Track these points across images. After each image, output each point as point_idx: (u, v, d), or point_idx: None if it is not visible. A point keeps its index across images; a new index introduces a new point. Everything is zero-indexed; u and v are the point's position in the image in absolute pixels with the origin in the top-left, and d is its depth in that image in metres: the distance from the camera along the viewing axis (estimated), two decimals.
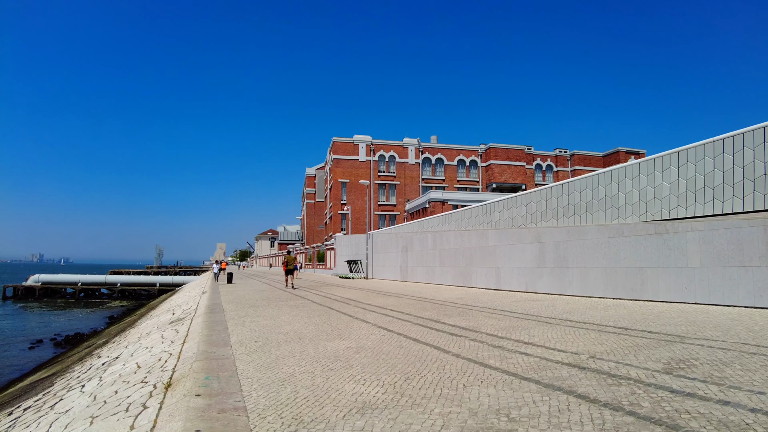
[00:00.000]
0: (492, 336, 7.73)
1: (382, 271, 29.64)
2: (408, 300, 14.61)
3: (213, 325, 9.98)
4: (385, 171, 55.82)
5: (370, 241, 31.26)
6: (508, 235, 18.22)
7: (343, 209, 53.10)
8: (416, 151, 56.70)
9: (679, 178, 14.06)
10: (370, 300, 14.98)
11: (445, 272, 21.87)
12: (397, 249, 27.12)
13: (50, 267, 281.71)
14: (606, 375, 5.19)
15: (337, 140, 54.99)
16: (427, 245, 23.75)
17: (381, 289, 20.48)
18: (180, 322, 12.78)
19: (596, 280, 14.49)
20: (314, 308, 12.87)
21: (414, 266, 24.97)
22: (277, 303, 14.69)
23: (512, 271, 17.70)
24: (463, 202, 42.75)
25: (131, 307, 48.09)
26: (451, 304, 13.00)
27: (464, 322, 9.42)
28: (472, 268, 19.98)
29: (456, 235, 21.46)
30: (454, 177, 57.69)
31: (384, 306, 12.94)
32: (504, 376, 5.21)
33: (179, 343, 8.75)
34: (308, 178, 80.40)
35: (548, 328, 8.50)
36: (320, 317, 10.76)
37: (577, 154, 64.03)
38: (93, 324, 37.66)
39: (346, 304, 13.71)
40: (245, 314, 11.80)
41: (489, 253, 18.99)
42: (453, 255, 21.36)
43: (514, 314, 10.58)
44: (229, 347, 7.32)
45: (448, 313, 10.98)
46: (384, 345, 7.11)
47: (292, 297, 17.03)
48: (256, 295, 18.59)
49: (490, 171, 57.01)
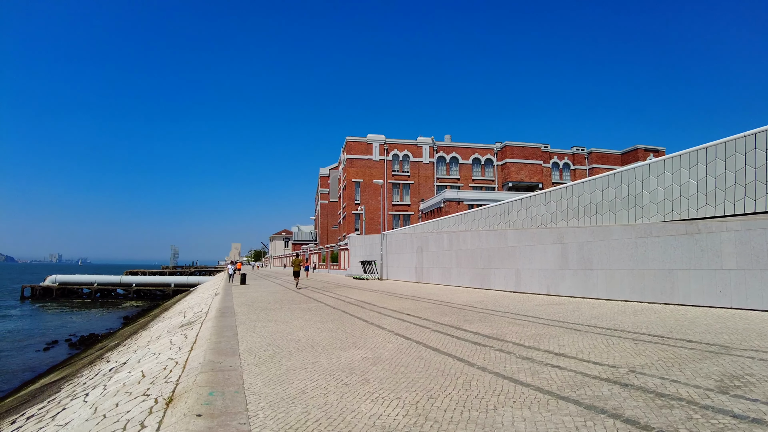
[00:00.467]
0: (518, 345, 7.18)
1: (397, 272, 29.13)
2: (425, 303, 14.09)
3: (222, 330, 9.57)
4: (399, 170, 55.24)
5: (385, 242, 30.77)
6: (529, 236, 17.58)
7: (356, 209, 52.69)
8: (430, 149, 56.02)
9: (707, 176, 13.31)
10: (385, 303, 14.49)
11: (462, 274, 21.28)
12: (412, 249, 26.58)
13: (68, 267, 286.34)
14: (653, 394, 4.63)
15: (350, 140, 54.59)
16: (443, 246, 23.18)
17: (396, 291, 19.98)
18: (190, 326, 12.44)
19: (622, 283, 13.82)
20: (328, 312, 12.42)
21: (429, 267, 24.42)
22: (289, 306, 14.28)
23: (533, 273, 17.06)
24: (479, 202, 42.02)
25: (146, 307, 48.29)
26: (471, 309, 12.45)
27: (487, 329, 8.87)
28: (490, 269, 19.36)
29: (473, 235, 20.86)
30: (469, 176, 56.85)
31: (400, 310, 12.44)
32: (538, 395, 4.67)
33: (186, 350, 8.35)
34: (322, 178, 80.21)
35: (578, 336, 7.92)
36: (334, 322, 10.29)
37: (594, 152, 62.77)
38: (108, 324, 37.78)
39: (360, 308, 13.24)
40: (256, 318, 11.39)
41: (508, 254, 18.37)
42: (470, 256, 20.76)
43: (538, 320, 10.00)
44: (237, 356, 6.89)
45: (468, 318, 10.44)
46: (402, 356, 6.61)
47: (305, 299, 16.62)
48: (268, 297, 18.23)
49: (506, 170, 56.08)
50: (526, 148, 56.76)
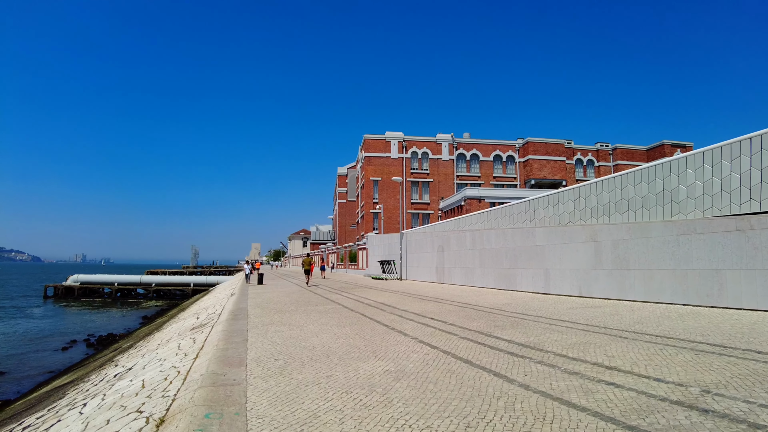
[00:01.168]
0: (561, 357, 6.30)
1: (417, 272, 28.27)
2: (449, 306, 13.22)
3: (232, 335, 8.89)
4: (418, 168, 54.25)
5: (404, 241, 29.93)
6: (559, 234, 16.57)
7: (374, 208, 51.91)
8: (450, 147, 54.84)
9: (752, 168, 12.14)
10: (406, 305, 13.67)
11: (486, 274, 20.33)
12: (433, 249, 25.69)
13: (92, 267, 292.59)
14: (745, 425, 3.72)
15: (368, 137, 53.81)
16: (465, 245, 22.25)
17: (417, 292, 19.14)
18: (201, 329, 11.82)
19: (663, 284, 12.75)
20: (345, 315, 11.66)
21: (451, 267, 23.50)
22: (305, 308, 13.57)
23: (563, 273, 16.05)
24: (501, 199, 40.85)
25: (165, 307, 48.34)
26: (499, 312, 11.54)
27: (521, 336, 7.98)
28: (516, 269, 18.38)
29: (498, 233, 19.89)
30: (490, 173, 55.50)
31: (423, 313, 11.61)
32: (600, 424, 3.80)
33: (192, 357, 7.67)
34: (340, 178, 79.65)
35: (626, 345, 6.99)
36: (352, 327, 9.52)
37: (619, 148, 60.82)
38: (127, 324, 37.79)
39: (380, 310, 12.45)
40: (270, 321, 10.69)
41: (536, 254, 17.37)
42: (495, 255, 19.80)
43: (576, 325, 9.06)
44: (244, 367, 6.17)
45: (498, 323, 9.55)
46: (430, 369, 5.79)
47: (322, 301, 15.91)
48: (284, 298, 17.58)
49: (528, 167, 54.62)
50: (549, 144, 55.18)
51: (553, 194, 20.73)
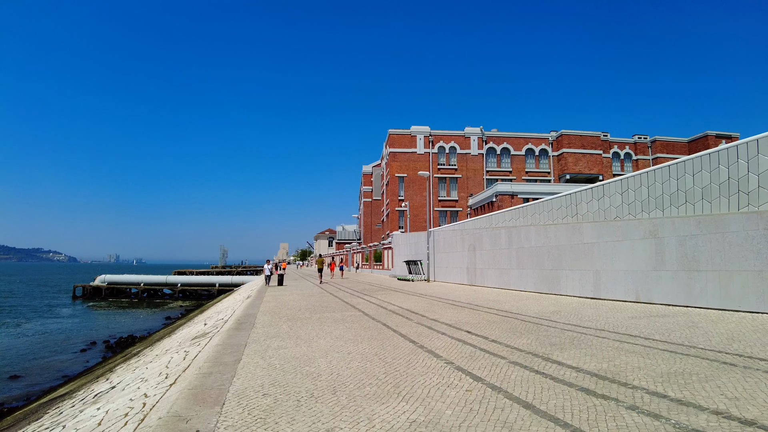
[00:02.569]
0: (659, 398, 4.42)
1: (446, 273, 26.36)
2: (486, 314, 11.36)
3: (225, 352, 7.30)
4: (446, 164, 52.01)
5: (432, 240, 28.05)
6: (611, 230, 14.48)
7: (400, 206, 50.01)
8: (479, 140, 52.37)
9: None
10: (436, 313, 11.87)
11: (525, 276, 18.31)
12: (463, 248, 23.76)
13: (124, 267, 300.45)
14: None
15: (393, 132, 51.94)
16: (500, 243, 20.26)
17: (447, 296, 17.29)
18: (201, 339, 10.32)
19: (745, 288, 10.60)
20: (365, 325, 9.96)
21: (484, 268, 21.53)
22: (321, 315, 11.94)
23: (617, 275, 13.97)
24: (535, 195, 38.44)
25: (190, 307, 47.78)
26: (549, 323, 9.63)
27: (590, 360, 6.10)
28: (560, 270, 16.34)
29: (538, 230, 17.86)
30: (522, 168, 52.79)
31: (457, 323, 9.80)
32: None
33: (170, 382, 6.11)
34: (365, 176, 78.15)
35: (741, 376, 5.06)
36: (371, 342, 7.81)
37: (658, 141, 57.27)
38: (150, 325, 37.20)
39: (405, 319, 10.70)
40: (275, 333, 9.09)
41: (584, 253, 15.32)
42: (534, 255, 17.77)
43: (654, 342, 7.11)
44: (219, 407, 4.53)
45: (553, 340, 7.66)
46: (476, 419, 4.01)
47: (341, 306, 14.27)
48: (301, 302, 16.03)
49: (562, 160, 51.71)
50: (585, 136, 52.13)
51: (598, 186, 18.70)
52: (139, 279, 60.11)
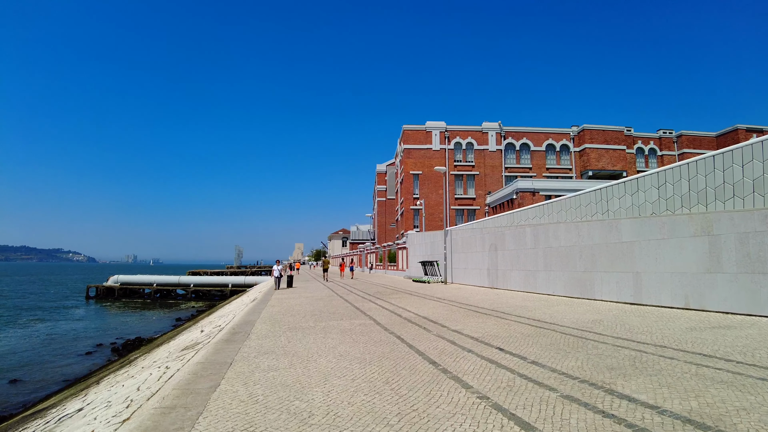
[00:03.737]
0: None
1: (464, 275, 24.77)
2: (517, 324, 9.83)
3: (201, 376, 5.94)
4: (462, 160, 50.15)
5: (449, 239, 26.49)
6: (655, 227, 12.82)
7: (415, 204, 48.38)
8: (497, 136, 50.37)
9: None
10: (458, 322, 10.38)
11: (553, 278, 16.67)
12: (484, 248, 22.15)
13: (141, 267, 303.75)
14: None
15: (407, 128, 50.28)
16: (524, 243, 18.64)
17: (468, 300, 15.77)
18: (186, 352, 9.00)
19: None
20: (375, 337, 8.53)
21: (507, 269, 19.91)
22: (327, 323, 10.54)
23: (662, 278, 12.32)
24: (557, 192, 36.58)
25: (201, 308, 46.94)
26: (593, 335, 8.07)
27: (669, 395, 4.57)
28: (594, 272, 14.70)
29: (568, 228, 16.21)
30: (542, 164, 50.69)
31: (484, 337, 8.29)
32: None
33: (117, 422, 4.75)
34: (379, 175, 76.70)
35: None
36: (380, 364, 6.37)
37: (685, 135, 54.69)
38: (160, 327, 36.34)
39: (423, 331, 9.23)
40: (270, 348, 7.71)
41: (622, 252, 13.67)
42: (564, 255, 16.14)
43: (744, 367, 5.54)
44: None
45: (608, 361, 6.13)
46: None
47: (351, 312, 12.87)
48: (307, 306, 14.67)
49: (584, 156, 49.51)
50: (607, 131, 49.88)
51: (632, 180, 17.14)
52: (151, 279, 59.54)
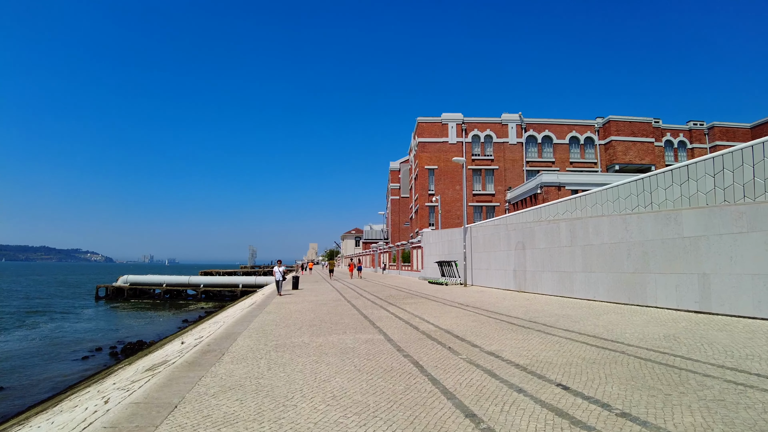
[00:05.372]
0: None
1: (486, 276, 22.47)
2: (570, 342, 7.63)
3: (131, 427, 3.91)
4: (480, 154, 47.60)
5: (468, 237, 24.23)
6: (729, 218, 10.48)
7: (430, 200, 46.02)
8: (518, 128, 47.62)
9: None
10: (491, 337, 8.22)
11: (594, 280, 14.35)
12: (509, 246, 19.85)
13: (157, 267, 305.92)
14: None
15: (421, 120, 47.86)
16: (558, 240, 16.33)
17: (496, 307, 13.56)
18: (146, 375, 7.01)
19: None
20: (384, 364, 6.43)
21: (537, 270, 17.59)
22: (325, 339, 8.47)
23: (739, 281, 10.00)
24: (584, 186, 34.01)
25: (210, 309, 45.44)
26: (684, 362, 5.84)
27: None
28: (646, 274, 12.38)
29: (613, 222, 13.87)
30: (566, 158, 47.87)
31: (535, 364, 6.12)
32: None
33: None
34: (392, 173, 74.55)
35: None
36: (391, 414, 4.27)
37: (717, 127, 51.47)
38: (165, 329, 34.77)
39: (448, 352, 7.10)
40: (239, 382, 5.66)
41: (684, 249, 11.35)
42: (608, 253, 13.82)
43: None
44: None
45: (741, 414, 3.92)
46: None
47: (357, 322, 10.79)
48: (309, 313, 12.64)
49: (610, 149, 46.62)
50: (634, 123, 46.90)
51: (681, 167, 14.89)
52: (161, 279, 58.30)
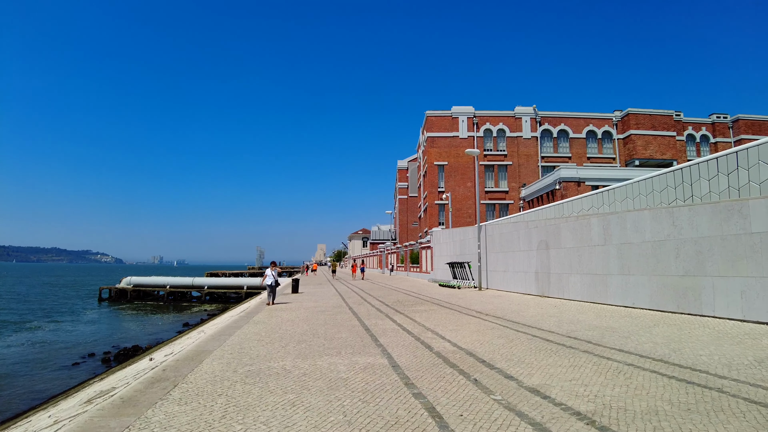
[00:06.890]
0: None
1: (503, 279, 20.53)
2: (636, 371, 5.78)
3: None
4: (493, 149, 45.48)
5: (483, 236, 22.33)
6: None
7: (440, 198, 44.04)
8: (532, 121, 45.48)
9: None
10: (528, 363, 6.39)
11: (633, 285, 12.41)
12: (529, 245, 17.93)
13: (166, 268, 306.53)
14: None
15: (431, 114, 45.87)
16: (589, 238, 14.41)
17: (521, 316, 11.68)
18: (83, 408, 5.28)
19: None
20: (389, 409, 4.64)
21: (563, 273, 15.66)
22: (313, 362, 6.69)
23: None
24: (605, 182, 31.95)
25: (213, 311, 43.98)
26: None
27: None
28: (701, 277, 10.45)
29: (657, 217, 11.93)
30: (582, 153, 45.57)
31: (597, 412, 4.30)
32: None
33: None
34: (400, 172, 72.65)
35: None
36: None
37: (742, 120, 48.98)
38: (166, 332, 33.24)
39: (475, 389, 5.28)
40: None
41: (752, 248, 9.42)
42: (651, 253, 11.88)
43: None
44: None
45: None
46: None
47: (357, 337, 9.00)
48: (302, 324, 10.88)
49: (630, 144, 44.32)
50: (654, 116, 44.59)
51: (728, 154, 12.96)
52: (165, 281, 57.00)
